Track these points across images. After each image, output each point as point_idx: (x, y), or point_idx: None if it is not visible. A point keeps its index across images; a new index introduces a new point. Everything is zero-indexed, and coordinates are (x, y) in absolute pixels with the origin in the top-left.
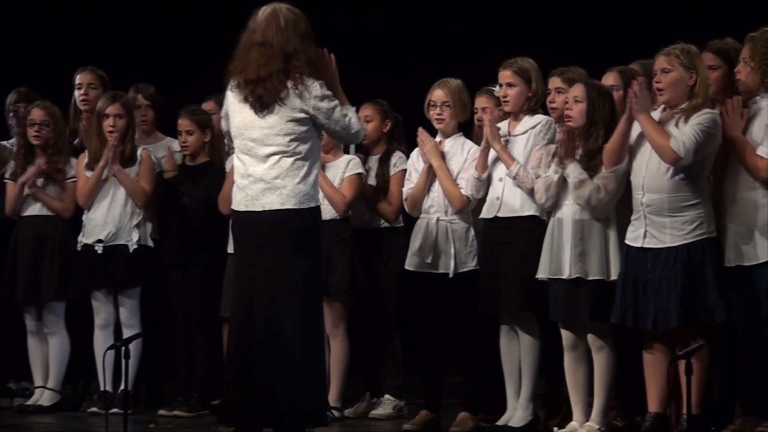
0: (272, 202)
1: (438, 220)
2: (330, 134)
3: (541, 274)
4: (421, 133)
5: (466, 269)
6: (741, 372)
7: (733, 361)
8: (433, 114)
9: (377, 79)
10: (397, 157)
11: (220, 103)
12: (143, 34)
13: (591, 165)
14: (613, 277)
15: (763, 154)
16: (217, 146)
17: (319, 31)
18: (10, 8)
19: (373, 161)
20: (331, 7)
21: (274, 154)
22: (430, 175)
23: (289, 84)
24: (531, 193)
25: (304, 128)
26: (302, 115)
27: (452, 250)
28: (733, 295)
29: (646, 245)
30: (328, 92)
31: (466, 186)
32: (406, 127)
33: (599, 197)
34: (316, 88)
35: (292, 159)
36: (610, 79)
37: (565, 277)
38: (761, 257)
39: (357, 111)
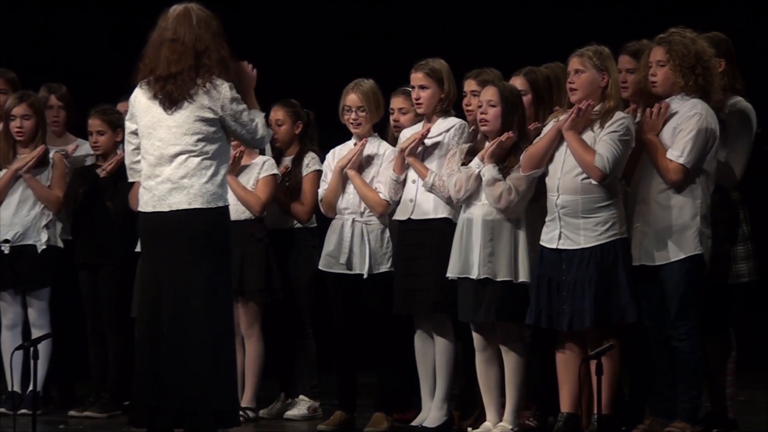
0: (179, 201)
1: (353, 221)
2: (235, 137)
3: (450, 273)
4: (360, 145)
5: (381, 270)
6: (650, 372)
7: (642, 362)
8: (348, 118)
9: (290, 78)
10: (309, 157)
11: None
12: (54, 33)
13: (504, 166)
14: (521, 278)
15: (672, 157)
16: None
17: (230, 30)
18: None
19: (286, 162)
20: (243, 6)
21: (181, 153)
22: (343, 176)
23: (199, 81)
24: (448, 200)
25: (212, 128)
26: (211, 114)
27: (367, 251)
28: (641, 296)
29: (560, 246)
30: (237, 95)
31: (385, 189)
32: (319, 126)
33: (510, 198)
34: (225, 89)
35: (200, 159)
36: (517, 82)
37: (473, 277)
38: (669, 258)
39: (268, 113)
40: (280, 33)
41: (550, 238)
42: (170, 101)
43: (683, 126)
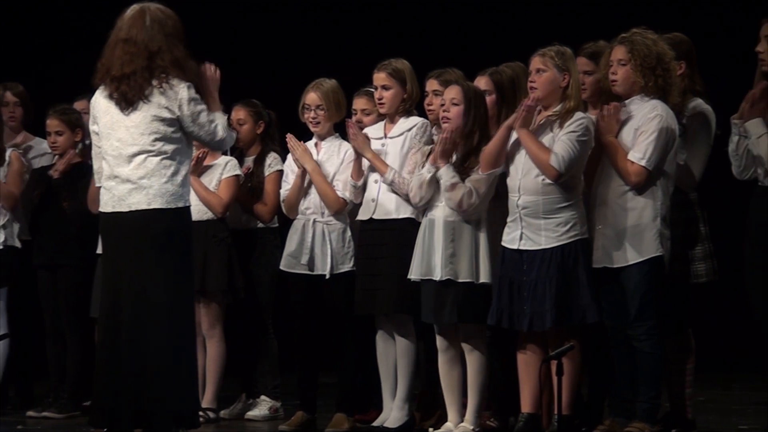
0: (138, 202)
1: (315, 221)
2: (194, 139)
3: (413, 275)
4: (290, 139)
5: (342, 270)
6: (609, 373)
7: (602, 362)
8: (308, 117)
9: (252, 78)
10: (272, 158)
11: None
12: (11, 31)
13: (465, 167)
14: (482, 279)
15: (633, 159)
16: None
17: (191, 30)
18: None
19: (248, 162)
20: (205, 6)
21: (140, 153)
22: (305, 177)
23: (154, 82)
24: (407, 198)
25: (170, 128)
26: (168, 114)
27: (329, 252)
28: (600, 297)
29: (522, 247)
30: (196, 96)
31: (344, 188)
32: (282, 126)
33: (471, 201)
34: (183, 89)
35: (159, 158)
36: (481, 82)
37: (435, 278)
38: (629, 260)
39: (230, 113)
40: (243, 32)
41: (511, 238)
42: (126, 102)
43: (644, 128)
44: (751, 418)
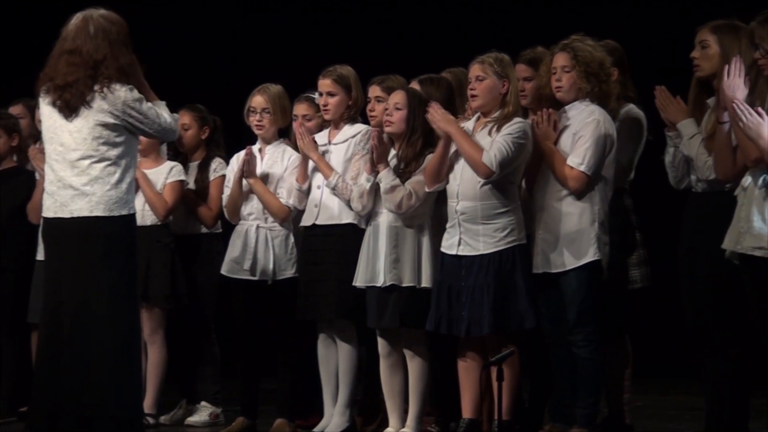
0: (81, 208)
1: (257, 227)
2: (147, 137)
3: (358, 281)
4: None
5: (285, 276)
6: (549, 378)
7: (541, 368)
8: (252, 120)
9: (197, 83)
10: (216, 162)
11: (28, 107)
12: None
13: (406, 171)
14: (425, 284)
15: (572, 164)
16: (26, 151)
17: (136, 33)
18: None
19: (193, 167)
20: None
21: (82, 158)
22: (242, 183)
23: (96, 88)
24: (350, 203)
25: (114, 133)
26: (111, 120)
27: (271, 257)
28: (540, 302)
29: (460, 253)
30: (140, 95)
31: (288, 195)
32: (227, 132)
33: (410, 203)
34: (125, 92)
35: (103, 165)
36: (415, 88)
37: (379, 284)
38: (567, 265)
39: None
40: (188, 37)
41: (450, 244)
42: (68, 109)
43: (582, 133)
44: (688, 423)
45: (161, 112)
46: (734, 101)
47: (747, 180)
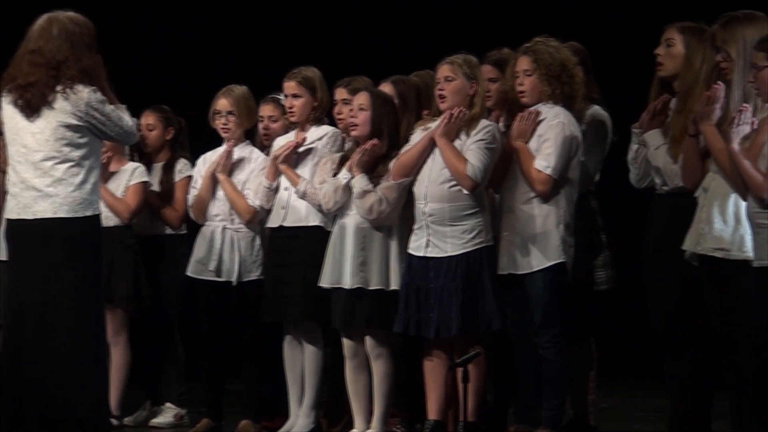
0: (44, 210)
1: (224, 228)
2: (108, 139)
3: (324, 282)
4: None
5: (250, 278)
6: (515, 380)
7: (507, 369)
8: (218, 123)
9: (162, 85)
10: (181, 164)
11: None
12: None
13: (373, 176)
14: (393, 286)
15: (540, 168)
16: None
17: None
18: None
19: (157, 168)
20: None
21: (45, 160)
22: (213, 181)
23: (58, 89)
24: (321, 208)
25: (77, 134)
26: (74, 121)
27: (237, 259)
28: (506, 304)
29: (428, 254)
30: (103, 97)
31: (254, 196)
32: (192, 132)
33: (381, 209)
34: (89, 93)
35: (66, 165)
36: (385, 89)
37: (346, 286)
38: (533, 266)
39: (139, 118)
40: (153, 39)
41: (417, 245)
42: (30, 109)
43: (547, 135)
44: (652, 424)
45: (123, 115)
46: (744, 107)
47: (708, 181)
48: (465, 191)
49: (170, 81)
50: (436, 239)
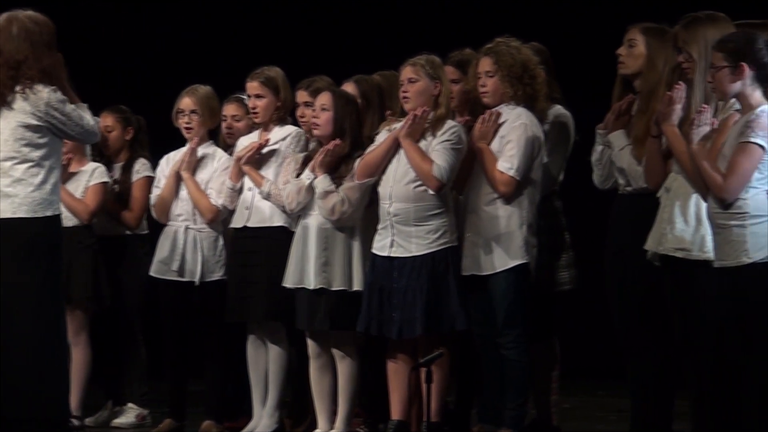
0: (3, 210)
1: (186, 228)
2: (69, 139)
3: (288, 282)
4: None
5: (213, 278)
6: (478, 380)
7: (469, 370)
8: (181, 122)
9: (123, 85)
10: (140, 164)
11: None
12: None
13: (335, 176)
14: (356, 287)
15: (503, 170)
16: None
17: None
18: None
19: (117, 169)
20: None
21: (5, 160)
22: (177, 180)
23: (18, 89)
24: (284, 209)
25: (36, 134)
26: (34, 121)
27: (200, 259)
28: (469, 304)
29: (392, 254)
30: (63, 97)
31: (217, 195)
32: (154, 135)
33: (343, 209)
34: (49, 93)
35: (25, 166)
36: (348, 89)
37: (309, 287)
38: (496, 267)
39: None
40: (114, 39)
41: (382, 245)
42: None
43: (510, 137)
44: (614, 424)
45: (84, 114)
46: (703, 108)
47: (670, 182)
48: (430, 191)
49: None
50: (400, 239)
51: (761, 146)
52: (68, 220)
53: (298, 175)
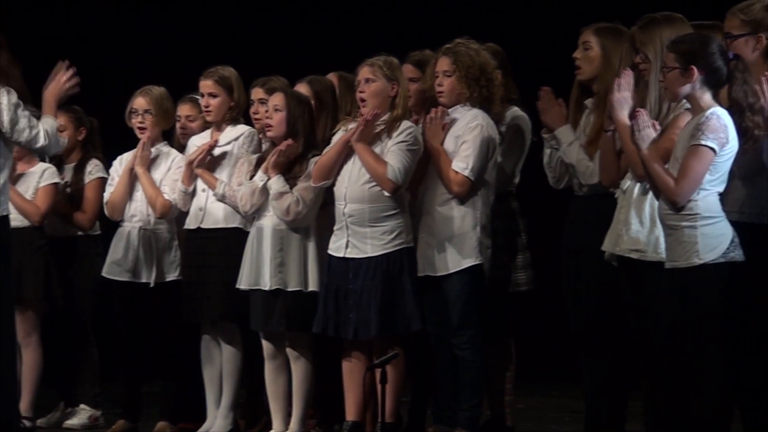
0: None
1: (140, 228)
2: (15, 144)
3: (242, 284)
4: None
5: (167, 279)
6: (433, 381)
7: (424, 370)
8: (134, 121)
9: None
10: (92, 165)
11: None
12: None
13: (289, 177)
14: (311, 287)
15: (458, 170)
16: None
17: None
18: None
19: (68, 169)
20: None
21: None
22: (131, 177)
23: None
24: (239, 209)
25: None
26: None
27: (154, 260)
28: (424, 306)
29: (348, 255)
30: (17, 101)
31: (171, 192)
32: (106, 135)
33: (298, 210)
34: (1, 95)
35: None
36: (301, 90)
37: (265, 288)
38: (450, 268)
39: None
40: (68, 39)
41: (337, 246)
42: None
43: (465, 137)
44: (568, 424)
45: (38, 128)
46: (638, 111)
47: (626, 183)
48: (385, 193)
49: (87, 81)
50: (355, 240)
51: (712, 149)
52: (18, 221)
53: (251, 177)
